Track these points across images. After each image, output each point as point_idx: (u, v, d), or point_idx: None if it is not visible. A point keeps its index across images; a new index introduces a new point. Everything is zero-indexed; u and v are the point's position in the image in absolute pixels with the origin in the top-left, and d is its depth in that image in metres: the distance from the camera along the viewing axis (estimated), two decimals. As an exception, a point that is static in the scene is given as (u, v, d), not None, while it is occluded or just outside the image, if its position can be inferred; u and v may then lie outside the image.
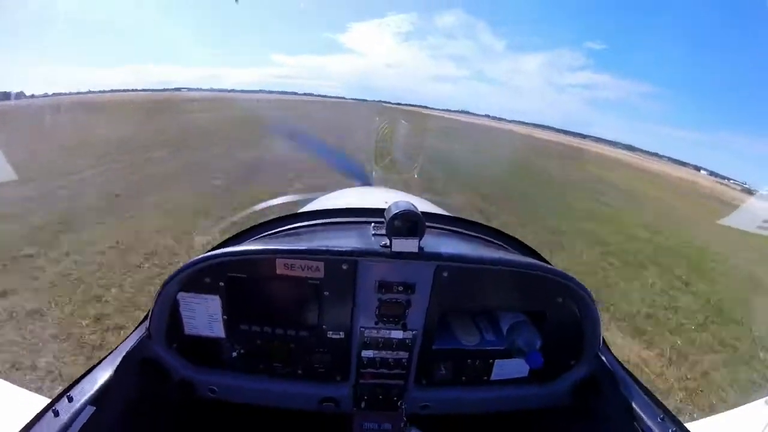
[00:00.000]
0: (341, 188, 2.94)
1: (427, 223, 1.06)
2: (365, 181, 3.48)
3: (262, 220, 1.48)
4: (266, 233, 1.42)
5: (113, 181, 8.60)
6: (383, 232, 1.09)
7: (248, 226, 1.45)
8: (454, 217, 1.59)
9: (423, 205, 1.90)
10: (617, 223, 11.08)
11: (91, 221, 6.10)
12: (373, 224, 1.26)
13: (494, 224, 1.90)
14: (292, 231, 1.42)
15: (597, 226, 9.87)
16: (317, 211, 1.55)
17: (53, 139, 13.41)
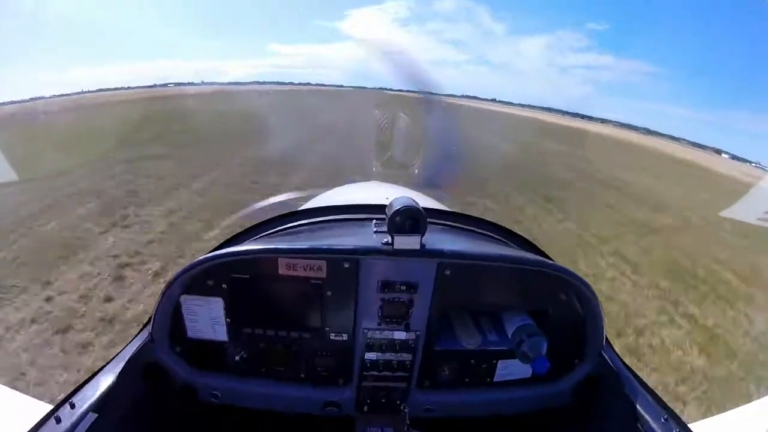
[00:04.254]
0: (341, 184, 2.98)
1: (429, 220, 1.08)
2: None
3: (262, 219, 1.51)
4: (267, 232, 1.45)
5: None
6: (385, 229, 1.10)
7: (249, 226, 1.48)
8: (456, 213, 1.61)
9: (424, 201, 1.92)
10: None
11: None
12: (374, 221, 1.27)
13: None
14: (293, 229, 1.45)
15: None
16: (318, 208, 1.57)
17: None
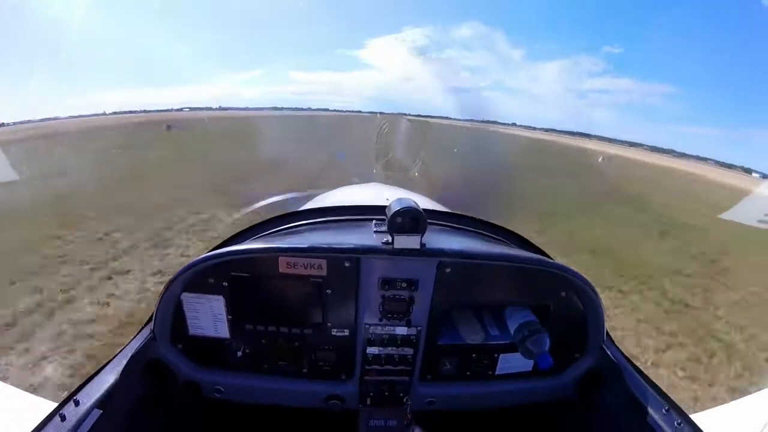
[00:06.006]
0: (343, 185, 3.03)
1: (428, 220, 1.10)
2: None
3: (263, 219, 1.54)
4: (268, 232, 1.48)
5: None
6: (385, 229, 1.13)
7: (250, 225, 1.51)
8: (455, 214, 1.64)
9: (424, 202, 1.95)
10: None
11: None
12: (374, 221, 1.30)
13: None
14: (294, 229, 1.48)
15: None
16: (319, 208, 1.60)
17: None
